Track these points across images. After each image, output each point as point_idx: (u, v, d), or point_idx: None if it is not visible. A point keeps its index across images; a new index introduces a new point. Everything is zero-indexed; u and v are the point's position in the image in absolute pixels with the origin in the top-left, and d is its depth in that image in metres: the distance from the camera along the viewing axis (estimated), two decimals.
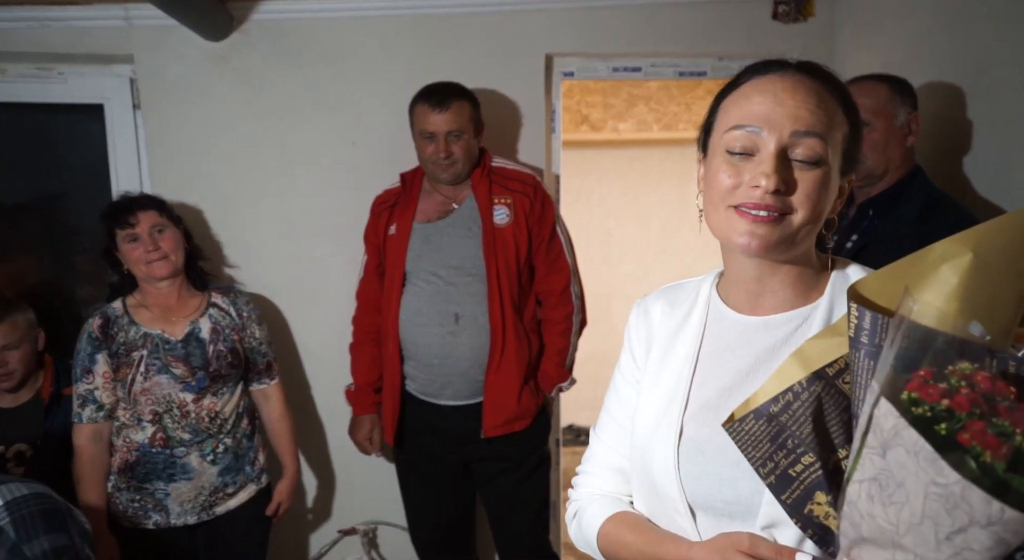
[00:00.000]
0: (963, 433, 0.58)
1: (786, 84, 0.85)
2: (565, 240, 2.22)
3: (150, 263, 1.98)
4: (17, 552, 1.40)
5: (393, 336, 2.15)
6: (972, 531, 0.57)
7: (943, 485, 0.58)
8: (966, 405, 0.59)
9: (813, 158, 0.83)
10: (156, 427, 1.97)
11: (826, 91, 0.86)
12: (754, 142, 0.84)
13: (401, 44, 2.42)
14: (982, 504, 0.56)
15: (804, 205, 0.83)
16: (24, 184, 2.60)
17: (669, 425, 0.92)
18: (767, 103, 0.84)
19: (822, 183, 0.83)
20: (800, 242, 0.86)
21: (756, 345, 0.91)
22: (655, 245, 4.35)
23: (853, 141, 0.88)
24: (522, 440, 2.19)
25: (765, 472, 0.78)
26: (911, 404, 0.61)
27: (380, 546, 2.70)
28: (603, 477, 1.05)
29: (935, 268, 0.70)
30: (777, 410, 0.78)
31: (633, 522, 0.97)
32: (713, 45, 2.49)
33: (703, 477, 0.88)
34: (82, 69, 2.41)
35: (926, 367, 0.64)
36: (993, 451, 0.57)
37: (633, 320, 1.05)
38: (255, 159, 2.45)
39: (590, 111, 4.27)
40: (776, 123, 0.83)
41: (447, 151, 2.06)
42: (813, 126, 0.83)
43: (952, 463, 0.57)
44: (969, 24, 1.81)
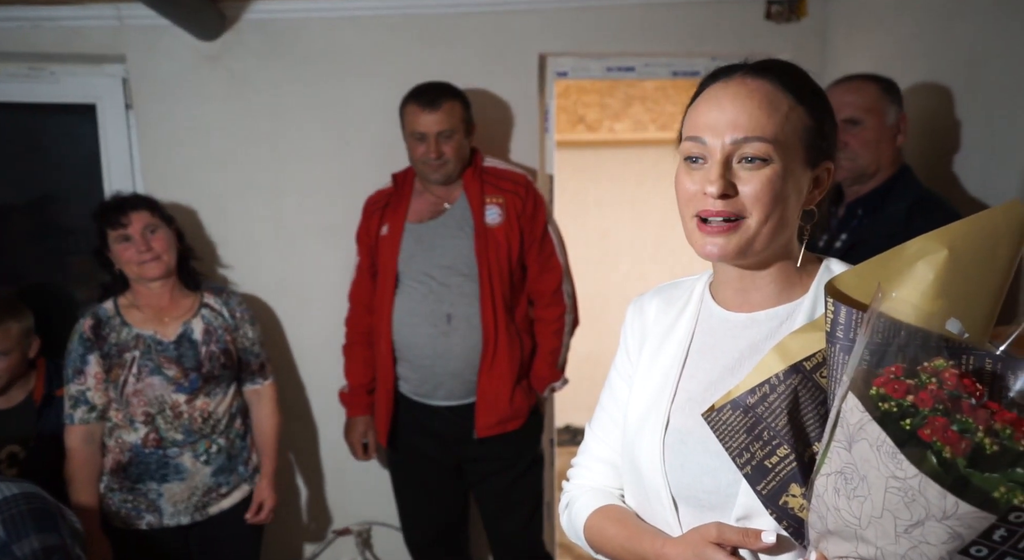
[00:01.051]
0: (924, 429, 0.59)
1: (729, 90, 0.88)
2: (557, 240, 2.23)
3: (142, 264, 1.97)
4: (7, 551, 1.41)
5: (386, 337, 2.15)
6: (929, 525, 0.57)
7: (902, 479, 0.58)
8: (929, 401, 0.60)
9: (757, 159, 0.85)
10: (149, 428, 1.97)
11: (775, 88, 0.87)
12: (702, 151, 0.87)
13: (393, 44, 2.42)
14: (938, 498, 0.56)
15: (755, 206, 0.86)
16: (16, 184, 2.60)
17: (656, 417, 0.94)
18: (711, 112, 0.87)
19: (770, 182, 0.85)
20: (767, 243, 0.88)
21: (741, 340, 0.93)
22: (651, 245, 4.36)
23: (819, 130, 0.89)
24: (515, 440, 2.20)
25: (741, 462, 0.79)
26: (879, 399, 0.62)
27: (374, 546, 2.70)
28: (595, 470, 1.07)
29: (911, 264, 0.71)
30: (753, 402, 0.79)
31: (617, 516, 0.99)
32: (706, 45, 2.50)
33: (685, 467, 0.90)
34: (74, 69, 2.41)
35: (898, 363, 0.64)
36: (953, 447, 0.57)
37: (629, 317, 1.08)
38: (247, 159, 2.45)
39: (586, 111, 4.27)
40: (718, 131, 0.86)
41: (438, 151, 2.06)
42: (752, 130, 0.85)
43: (914, 458, 0.58)
44: (959, 24, 1.82)
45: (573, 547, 3.19)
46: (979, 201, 1.75)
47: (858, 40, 2.32)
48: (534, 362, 2.23)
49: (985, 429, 0.57)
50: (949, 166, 1.86)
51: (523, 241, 2.15)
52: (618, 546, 0.97)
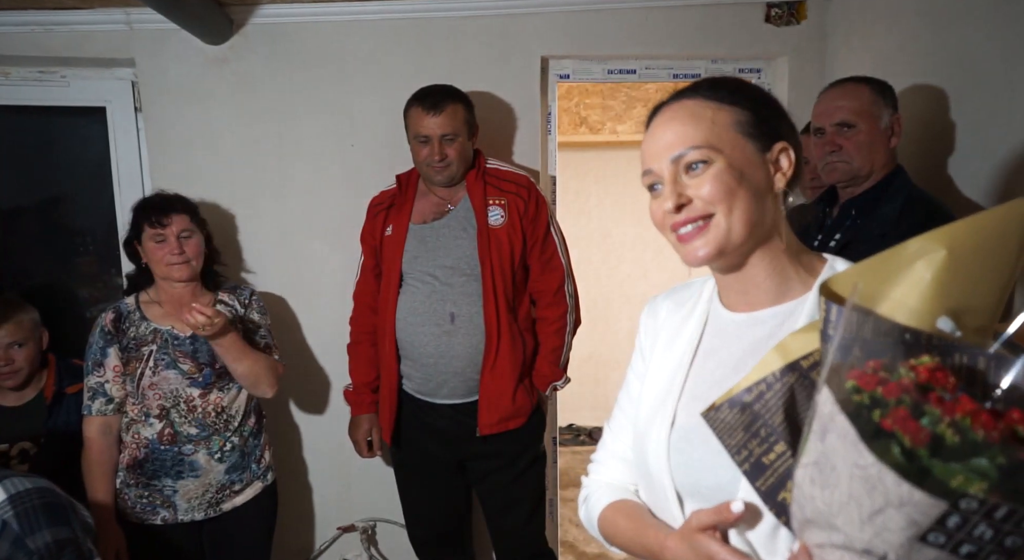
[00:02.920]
0: (887, 419, 0.60)
1: (659, 120, 0.96)
2: (559, 240, 2.24)
3: (171, 265, 2.01)
4: (20, 545, 1.44)
5: (390, 336, 2.17)
6: (888, 512, 0.58)
7: (863, 467, 0.60)
8: (896, 392, 0.61)
9: (698, 163, 0.91)
10: (164, 423, 2.00)
11: (696, 101, 0.94)
12: (654, 178, 0.95)
13: (398, 47, 2.45)
14: (894, 486, 0.57)
15: (713, 202, 0.90)
16: (27, 186, 2.62)
17: (664, 414, 0.97)
18: (650, 143, 0.96)
19: (716, 178, 0.90)
20: (743, 235, 0.91)
21: (745, 340, 0.95)
22: (653, 246, 4.38)
23: (755, 119, 0.94)
24: (517, 438, 2.21)
25: (740, 459, 0.81)
26: (853, 392, 0.63)
27: (379, 543, 2.73)
28: (611, 466, 1.11)
29: (910, 264, 0.71)
30: (750, 400, 0.81)
31: (628, 510, 1.04)
32: (707, 47, 2.52)
33: (690, 464, 0.93)
34: (84, 72, 2.44)
35: (879, 358, 0.65)
36: (912, 436, 0.58)
37: (643, 318, 1.12)
38: (254, 161, 2.48)
39: (588, 113, 4.29)
40: (658, 156, 0.94)
41: (441, 154, 2.08)
42: (683, 143, 0.92)
43: (879, 448, 0.59)
44: (956, 27, 1.84)
45: (575, 544, 3.21)
46: (974, 202, 1.77)
47: (857, 43, 2.34)
48: (536, 361, 2.24)
49: (948, 420, 0.58)
50: (944, 168, 1.88)
51: (525, 241, 2.16)
52: (628, 539, 1.02)
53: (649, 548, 0.96)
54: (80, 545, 1.51)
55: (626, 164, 4.34)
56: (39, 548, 1.44)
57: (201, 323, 1.88)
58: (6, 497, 1.47)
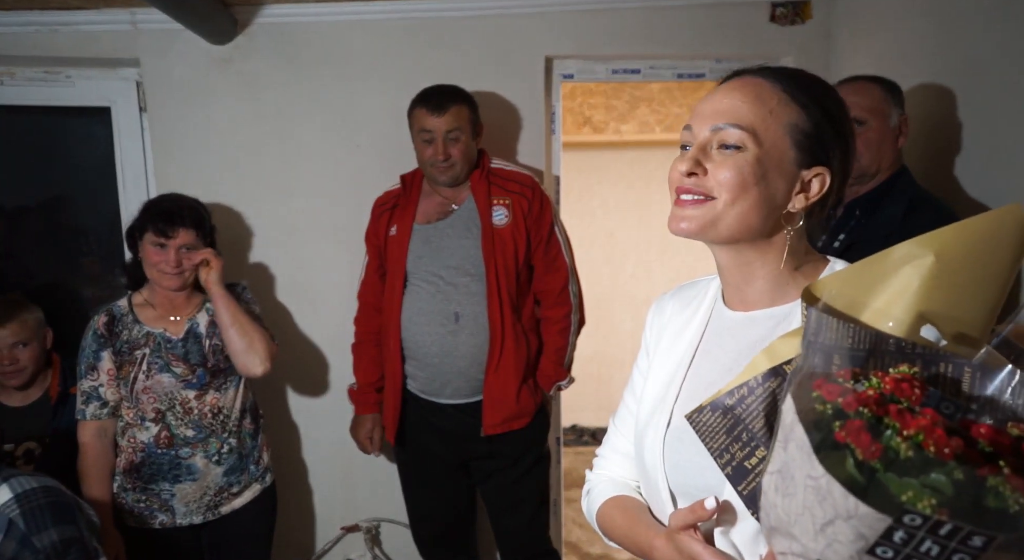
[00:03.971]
0: (841, 431, 0.59)
1: (727, 86, 0.93)
2: (563, 240, 2.24)
3: (163, 273, 1.99)
4: (27, 543, 1.44)
5: (395, 336, 2.17)
6: (838, 524, 0.58)
7: (815, 478, 0.59)
8: (854, 404, 0.60)
9: (729, 145, 0.88)
10: (160, 426, 1.99)
11: (769, 84, 0.91)
12: (689, 138, 0.93)
13: (402, 47, 2.45)
14: (842, 498, 0.57)
15: (722, 188, 0.88)
16: (33, 186, 2.63)
17: (661, 415, 0.97)
18: (704, 104, 0.93)
19: (738, 168, 0.87)
20: (734, 226, 0.89)
21: (741, 340, 0.95)
22: (657, 246, 4.37)
23: (814, 133, 0.89)
24: (521, 438, 2.21)
25: (722, 463, 0.81)
26: (818, 402, 0.62)
27: (383, 543, 2.72)
28: (614, 462, 1.12)
29: (896, 269, 0.69)
30: (732, 403, 0.80)
31: (624, 506, 1.04)
32: (711, 47, 2.52)
33: (681, 465, 0.93)
34: (89, 72, 2.45)
35: (850, 367, 0.64)
36: (864, 450, 0.57)
37: (649, 316, 1.12)
38: (257, 160, 2.48)
39: (592, 113, 4.29)
40: (703, 118, 0.91)
41: (445, 153, 2.08)
42: (730, 117, 0.89)
43: (830, 460, 0.58)
44: (961, 27, 1.83)
45: (579, 544, 3.20)
46: (979, 203, 1.76)
47: (862, 42, 2.33)
48: (540, 361, 2.24)
49: (905, 434, 0.57)
50: (950, 168, 1.88)
51: (530, 241, 2.16)
52: (621, 535, 1.03)
53: (640, 546, 0.98)
54: (86, 544, 1.52)
55: (630, 164, 4.33)
56: (45, 547, 1.44)
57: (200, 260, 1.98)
58: (12, 496, 1.48)
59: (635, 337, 1.14)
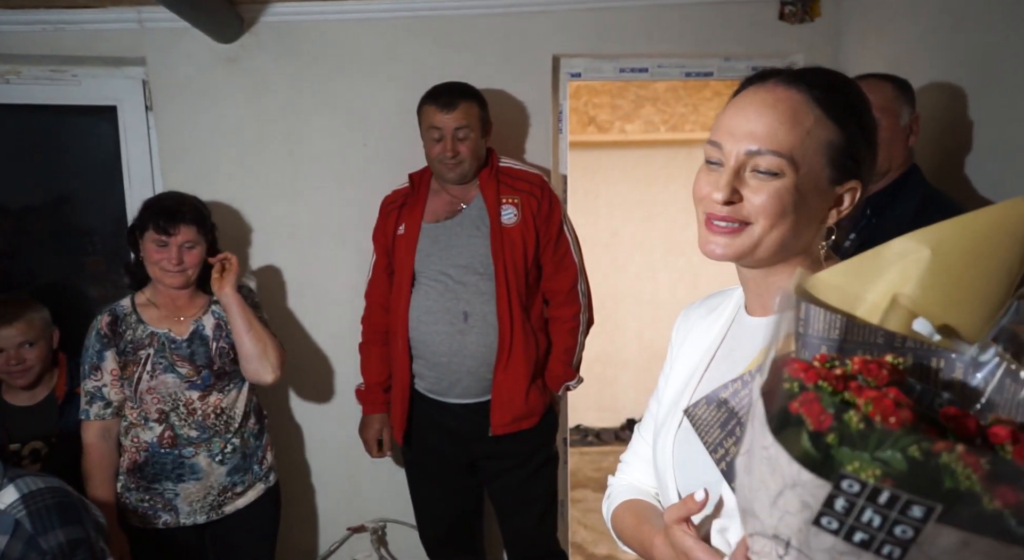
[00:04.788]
0: (794, 402, 0.58)
1: (757, 97, 0.87)
2: (572, 239, 2.24)
3: (165, 271, 1.98)
4: (33, 544, 1.43)
5: (402, 335, 2.17)
6: (786, 494, 0.57)
7: (766, 447, 0.59)
8: (813, 378, 0.59)
9: (767, 172, 0.85)
10: (164, 426, 1.98)
11: (804, 99, 0.86)
12: (719, 155, 0.88)
13: (408, 45, 2.44)
14: (787, 465, 0.56)
15: (760, 216, 0.85)
16: (39, 185, 2.62)
17: (675, 416, 0.98)
18: (735, 118, 0.88)
19: (777, 196, 0.84)
20: (771, 251, 0.88)
21: (756, 344, 0.92)
22: (661, 246, 4.36)
23: (848, 148, 0.87)
24: (529, 438, 2.20)
25: (717, 458, 0.80)
26: (786, 380, 0.62)
27: (389, 543, 2.72)
28: (635, 467, 1.12)
29: (892, 264, 0.68)
30: (726, 396, 0.80)
31: (636, 508, 1.05)
32: (720, 46, 2.51)
33: (687, 464, 0.94)
34: (95, 71, 2.44)
35: (825, 352, 0.64)
36: (815, 420, 0.56)
37: (676, 324, 1.11)
38: (264, 159, 2.48)
39: (597, 112, 4.28)
40: (736, 138, 0.86)
41: (454, 151, 2.08)
42: (767, 143, 0.84)
43: (784, 432, 0.58)
44: (974, 24, 1.82)
45: (584, 545, 3.19)
46: (991, 202, 1.75)
47: (871, 40, 2.32)
48: (549, 361, 2.24)
49: (857, 407, 0.56)
50: (961, 167, 1.86)
51: (539, 240, 2.16)
52: (630, 536, 1.04)
53: (643, 545, 0.98)
54: (93, 545, 1.51)
55: (635, 163, 4.32)
56: (52, 548, 1.43)
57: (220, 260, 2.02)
58: (19, 496, 1.47)
59: (639, 338, 1.14)
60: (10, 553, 1.42)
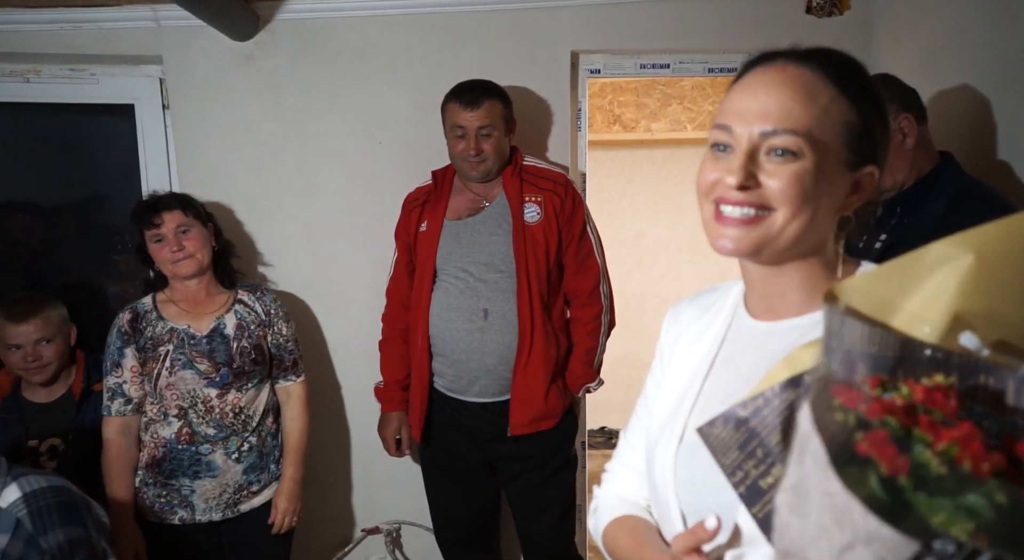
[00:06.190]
0: (862, 442, 0.52)
1: (766, 77, 0.81)
2: (595, 240, 2.21)
3: (175, 262, 2.01)
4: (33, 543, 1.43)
5: (423, 332, 2.15)
6: (858, 548, 0.51)
7: (832, 495, 0.53)
8: (879, 413, 0.53)
9: (785, 152, 0.78)
10: (182, 422, 1.99)
11: (817, 77, 0.80)
12: (728, 139, 0.81)
13: (424, 43, 2.42)
14: (861, 518, 0.50)
15: (782, 201, 0.79)
16: (66, 183, 2.64)
17: (674, 427, 0.91)
18: (744, 100, 0.81)
19: (798, 177, 0.78)
20: (790, 243, 0.81)
21: (763, 351, 0.87)
22: (688, 246, 4.28)
23: (864, 130, 0.81)
24: (548, 439, 2.18)
25: (735, 481, 0.74)
26: (838, 410, 0.56)
27: (404, 545, 2.69)
28: (624, 478, 1.06)
29: (931, 271, 0.61)
30: (746, 415, 0.74)
31: (632, 526, 0.98)
32: (744, 41, 2.43)
33: (693, 483, 0.87)
34: (113, 70, 2.44)
35: (878, 374, 0.57)
36: (888, 463, 0.50)
37: (665, 324, 1.05)
38: (279, 157, 2.47)
39: (622, 111, 4.22)
40: (747, 120, 0.80)
41: (477, 148, 2.06)
42: (783, 121, 0.78)
43: (850, 475, 0.52)
44: (1011, 14, 1.73)
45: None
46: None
47: (903, 34, 2.23)
48: (569, 361, 2.21)
49: (937, 448, 0.50)
50: (996, 165, 1.78)
51: (561, 240, 2.14)
52: (626, 558, 0.96)
53: None
54: (94, 545, 1.50)
55: (661, 163, 4.25)
56: (52, 547, 1.43)
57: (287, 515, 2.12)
58: (20, 495, 1.47)
59: None
60: (11, 552, 1.42)
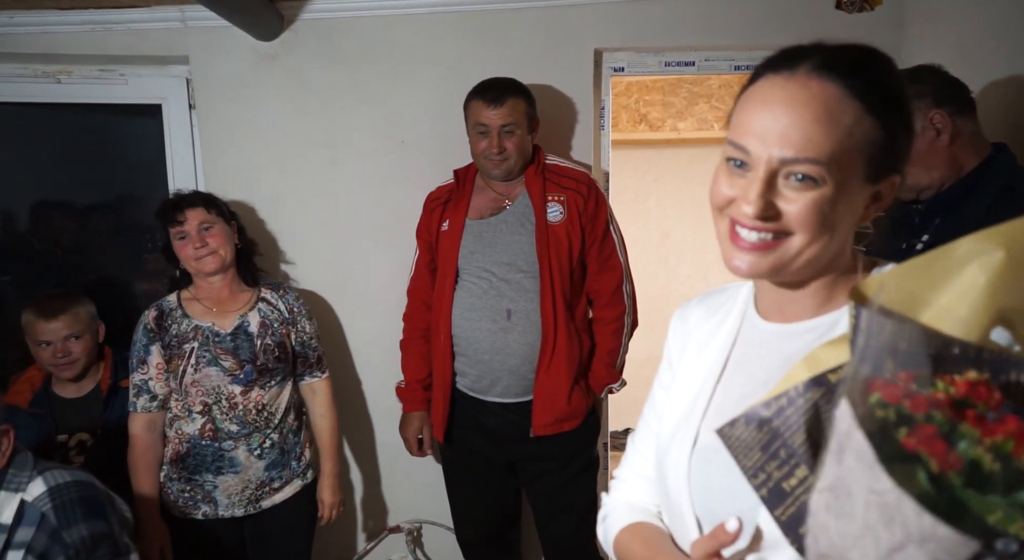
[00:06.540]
0: (910, 438, 0.50)
1: (787, 93, 0.77)
2: (618, 239, 2.19)
3: (199, 259, 2.03)
4: (57, 537, 1.44)
5: (445, 332, 2.14)
6: (909, 549, 0.49)
7: (880, 493, 0.51)
8: (924, 407, 0.51)
9: (807, 179, 0.76)
10: (205, 418, 2.01)
11: (842, 94, 0.76)
12: (746, 158, 0.79)
13: (447, 41, 2.41)
14: (915, 517, 0.48)
15: (800, 226, 0.77)
16: (97, 183, 2.68)
17: (686, 432, 0.89)
18: (761, 117, 0.77)
19: (817, 205, 0.76)
20: (806, 265, 0.79)
21: (777, 353, 0.85)
22: (714, 247, 4.16)
23: (889, 144, 0.78)
24: (570, 441, 2.16)
25: (757, 483, 0.72)
26: (877, 406, 0.54)
27: (425, 545, 2.69)
28: (633, 484, 1.03)
29: (960, 267, 0.59)
30: (769, 415, 0.71)
31: (644, 535, 0.95)
32: (772, 37, 2.38)
33: (709, 488, 0.85)
34: (141, 70, 2.47)
35: (911, 370, 0.55)
36: (939, 459, 0.48)
37: (672, 324, 1.03)
38: (303, 157, 2.48)
39: (648, 110, 4.17)
40: (765, 141, 0.76)
41: (499, 147, 2.05)
42: (804, 149, 0.75)
43: (899, 472, 0.50)
44: None
45: None
46: None
47: (938, 30, 2.17)
48: (592, 362, 2.19)
49: (987, 443, 0.48)
50: None
51: (584, 239, 2.12)
52: None
53: None
54: (116, 540, 1.51)
55: (687, 162, 4.20)
56: (75, 542, 1.44)
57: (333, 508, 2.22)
58: (46, 489, 1.48)
59: None
60: (35, 545, 1.43)
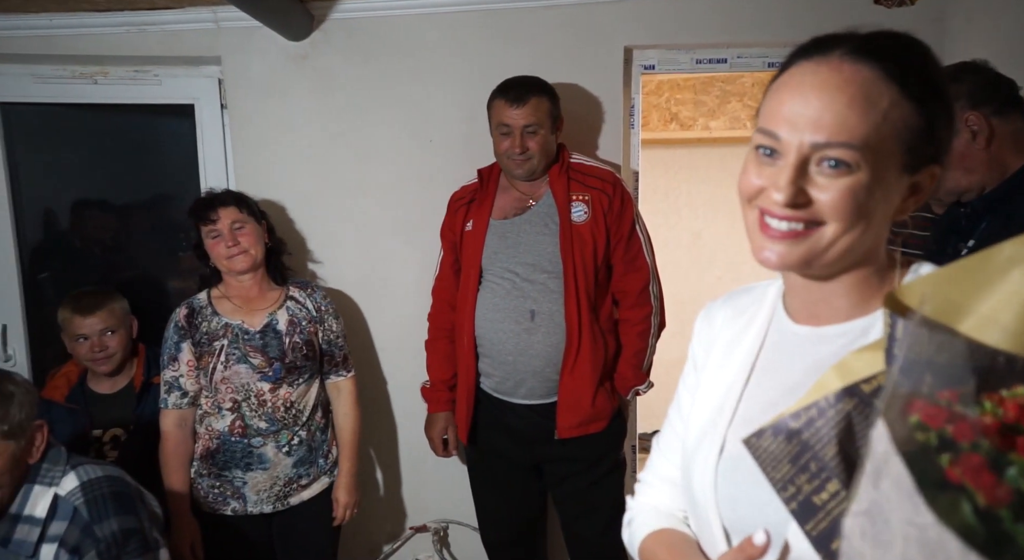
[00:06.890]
0: (954, 467, 0.47)
1: (819, 78, 0.73)
2: (644, 239, 2.15)
3: (230, 257, 2.05)
4: (88, 532, 1.46)
5: (468, 333, 2.14)
6: None
7: (921, 527, 0.48)
8: (969, 434, 0.48)
9: (838, 164, 0.72)
10: (235, 415, 2.03)
11: (877, 77, 0.73)
12: (776, 145, 0.75)
13: (476, 40, 2.40)
14: (959, 555, 0.45)
15: (833, 215, 0.73)
16: (129, 182, 2.72)
17: (713, 439, 0.86)
18: (793, 102, 0.74)
19: (851, 192, 0.72)
20: (839, 256, 0.76)
21: (807, 358, 0.82)
22: (746, 247, 4.07)
23: (927, 131, 0.74)
24: (596, 443, 2.14)
25: (786, 497, 0.69)
26: (917, 429, 0.51)
27: (451, 545, 2.69)
28: (658, 488, 1.01)
29: (1004, 273, 0.56)
30: (798, 426, 0.68)
31: (671, 542, 0.93)
32: (806, 34, 2.24)
33: (736, 499, 0.81)
34: (175, 70, 2.50)
35: (955, 388, 0.52)
36: (986, 492, 0.45)
37: (697, 325, 1.00)
38: (332, 156, 2.49)
39: (679, 108, 4.13)
40: (797, 127, 0.73)
41: (522, 146, 2.03)
42: (837, 133, 0.71)
43: (941, 505, 0.47)
44: None
45: None
46: None
47: (981, 25, 2.11)
48: (618, 364, 2.16)
49: None
50: None
51: (609, 239, 2.09)
52: None
53: None
54: (146, 535, 1.53)
55: (720, 162, 4.14)
56: (106, 536, 1.46)
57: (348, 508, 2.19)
58: (78, 484, 1.50)
59: None
60: (67, 539, 1.45)
